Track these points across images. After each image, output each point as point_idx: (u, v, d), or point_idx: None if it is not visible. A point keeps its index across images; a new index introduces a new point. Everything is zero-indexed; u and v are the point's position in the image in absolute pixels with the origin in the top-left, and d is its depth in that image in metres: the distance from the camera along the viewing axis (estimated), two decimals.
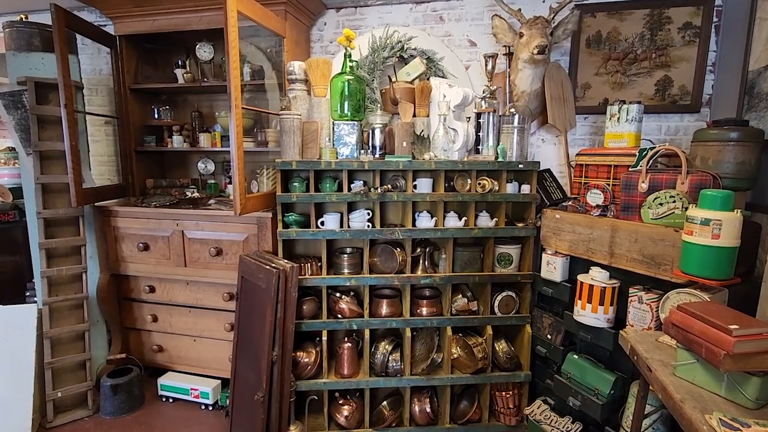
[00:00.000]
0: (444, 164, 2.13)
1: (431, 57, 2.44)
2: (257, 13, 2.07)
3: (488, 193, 2.17)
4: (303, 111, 2.19)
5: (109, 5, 2.54)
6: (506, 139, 2.22)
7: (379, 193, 2.11)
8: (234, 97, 1.87)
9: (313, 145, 2.12)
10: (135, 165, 2.76)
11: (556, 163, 2.57)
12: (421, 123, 2.22)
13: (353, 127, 2.14)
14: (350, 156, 2.17)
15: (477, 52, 2.58)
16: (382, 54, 2.40)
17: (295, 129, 2.08)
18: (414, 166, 2.13)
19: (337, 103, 2.14)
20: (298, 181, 2.16)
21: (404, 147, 2.16)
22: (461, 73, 2.54)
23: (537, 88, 2.29)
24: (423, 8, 2.61)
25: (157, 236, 2.48)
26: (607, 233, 1.91)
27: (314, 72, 2.16)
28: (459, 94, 2.19)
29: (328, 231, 2.17)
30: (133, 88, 2.73)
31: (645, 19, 2.32)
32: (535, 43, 2.04)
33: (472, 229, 2.20)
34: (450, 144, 2.19)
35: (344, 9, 2.71)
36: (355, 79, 2.14)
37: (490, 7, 2.52)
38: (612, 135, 2.09)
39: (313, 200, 2.13)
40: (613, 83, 2.40)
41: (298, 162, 2.08)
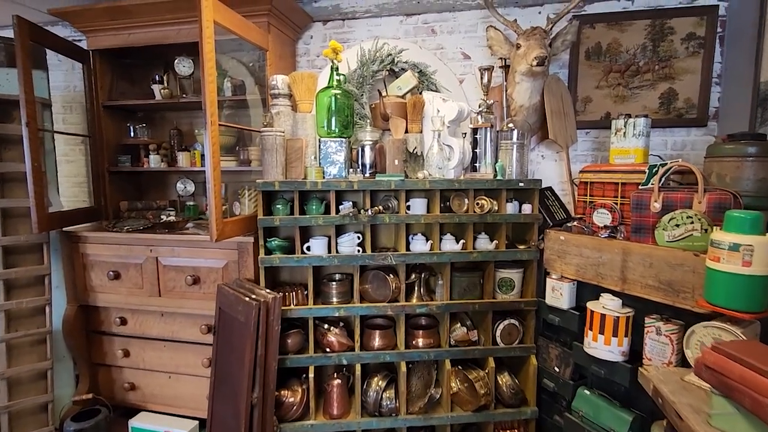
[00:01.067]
0: (439, 183, 1.97)
1: (423, 70, 2.31)
2: (237, 25, 1.93)
3: (487, 213, 2.01)
4: (287, 128, 2.04)
5: (82, 19, 2.39)
6: (505, 156, 2.08)
7: (369, 215, 1.95)
8: (209, 113, 1.71)
9: (297, 164, 1.96)
10: (108, 186, 2.58)
11: (558, 180, 2.43)
12: (413, 139, 2.08)
13: (341, 144, 1.99)
14: (338, 175, 2.01)
15: (471, 65, 2.46)
16: (372, 67, 2.27)
17: (277, 147, 1.92)
18: (407, 186, 1.97)
19: (323, 119, 1.99)
20: (281, 203, 1.99)
21: (396, 165, 2.01)
22: (455, 87, 2.42)
23: (536, 101, 2.16)
24: (414, 20, 2.50)
25: (130, 264, 2.28)
26: (617, 257, 1.76)
27: (299, 86, 2.01)
28: (454, 108, 2.05)
29: (314, 257, 1.99)
30: (108, 105, 2.56)
31: (646, 29, 2.22)
32: (534, 54, 1.92)
33: (471, 252, 2.04)
34: (445, 161, 2.04)
35: (331, 22, 2.59)
36: (342, 94, 1.99)
37: (484, 19, 2.41)
38: (618, 151, 1.96)
39: (297, 224, 1.96)
40: (615, 96, 2.29)
41: (281, 182, 1.91)
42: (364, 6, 2.50)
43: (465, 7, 2.41)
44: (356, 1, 2.51)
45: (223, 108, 2.47)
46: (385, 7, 2.48)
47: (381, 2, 2.48)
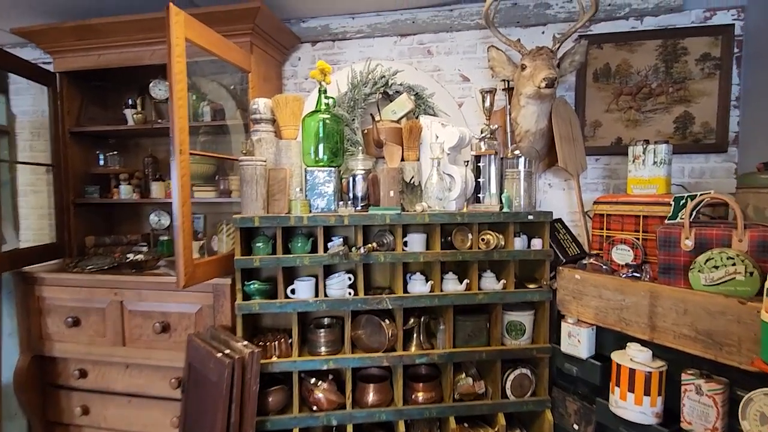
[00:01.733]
0: (439, 217, 1.76)
1: (420, 93, 2.13)
2: (214, 44, 1.74)
3: (493, 250, 1.80)
4: (269, 156, 1.83)
5: (47, 39, 2.20)
6: (511, 186, 1.89)
7: (362, 253, 1.73)
8: (178, 141, 1.50)
9: (280, 197, 1.75)
10: (73, 220, 2.33)
11: (567, 210, 2.23)
12: (410, 168, 1.88)
13: (330, 174, 1.78)
14: (326, 209, 1.79)
15: (471, 88, 2.29)
16: (364, 90, 2.09)
17: (258, 178, 1.71)
18: (404, 220, 1.76)
19: (310, 146, 1.79)
20: (262, 240, 1.77)
21: (391, 197, 1.80)
22: (454, 111, 2.24)
23: (543, 126, 1.98)
24: (409, 41, 2.34)
25: (91, 308, 2.02)
26: (644, 300, 1.54)
27: (282, 110, 1.81)
28: (454, 134, 1.86)
29: (299, 302, 1.75)
30: (75, 132, 2.35)
31: (658, 50, 2.07)
32: (542, 75, 1.75)
33: (476, 293, 1.82)
34: (446, 192, 1.84)
35: (321, 42, 2.43)
36: (331, 118, 1.80)
37: (483, 39, 2.26)
38: (637, 180, 1.77)
39: (280, 264, 1.73)
40: (626, 120, 2.12)
41: (261, 218, 1.69)
42: (355, 26, 2.35)
43: (463, 26, 2.26)
44: (347, 21, 2.35)
45: (198, 134, 2.27)
46: (378, 27, 2.32)
47: (373, 22, 2.32)
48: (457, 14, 2.25)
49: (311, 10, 2.30)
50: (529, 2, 2.18)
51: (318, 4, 2.22)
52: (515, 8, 2.19)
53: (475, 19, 2.23)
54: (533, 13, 2.18)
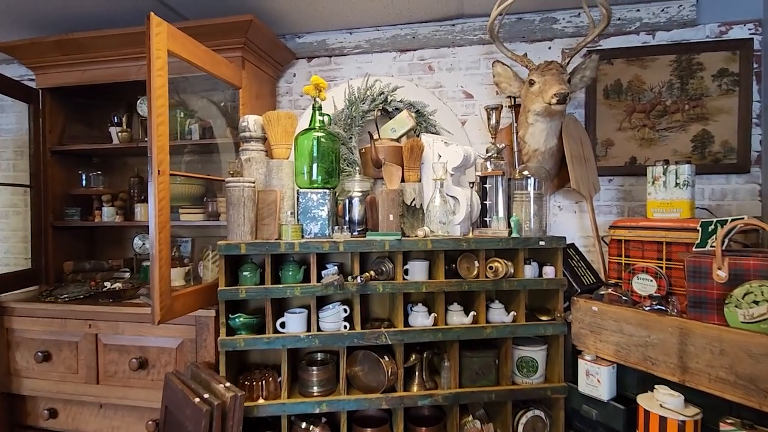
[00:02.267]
0: (443, 243, 1.62)
1: (421, 110, 2.02)
2: (200, 57, 1.63)
3: (502, 279, 1.65)
4: (259, 176, 1.70)
5: (29, 53, 2.09)
6: (520, 209, 1.75)
7: (358, 283, 1.57)
8: (157, 161, 1.37)
9: (270, 221, 1.60)
10: (51, 244, 2.18)
11: (579, 234, 2.09)
12: (411, 190, 1.75)
13: (324, 196, 1.64)
14: (320, 234, 1.65)
15: (474, 105, 2.18)
16: (362, 107, 1.97)
17: (245, 200, 1.57)
18: (404, 246, 1.61)
19: (303, 166, 1.66)
20: (249, 269, 1.61)
21: (391, 221, 1.66)
22: (457, 129, 2.12)
23: (552, 145, 1.85)
24: (409, 57, 2.24)
25: (63, 342, 1.85)
26: (672, 338, 1.39)
27: (274, 128, 1.69)
28: (458, 153, 1.73)
29: (289, 337, 1.59)
30: (57, 150, 2.22)
31: (671, 65, 1.97)
32: (553, 90, 1.63)
33: (484, 327, 1.66)
34: (449, 216, 1.70)
35: (317, 59, 2.32)
36: (326, 136, 1.67)
37: (487, 55, 2.16)
38: (658, 203, 1.63)
39: (268, 295, 1.57)
40: (640, 139, 2.00)
41: (248, 244, 1.54)
42: (353, 41, 2.25)
43: (465, 41, 2.16)
44: (344, 37, 2.25)
45: (183, 153, 2.14)
46: (377, 42, 2.23)
47: (372, 37, 2.23)
48: (459, 29, 2.15)
49: (308, 26, 2.21)
50: (535, 17, 2.08)
51: (315, 19, 2.13)
52: (520, 23, 2.09)
53: (478, 34, 2.13)
54: (539, 27, 2.08)
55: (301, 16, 2.09)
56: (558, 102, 1.64)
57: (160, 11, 2.01)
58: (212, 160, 2.21)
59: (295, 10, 2.02)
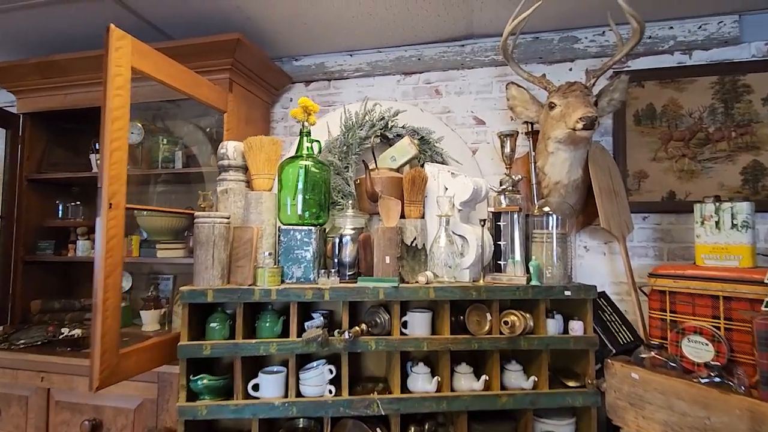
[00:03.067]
0: (449, 291, 1.36)
1: (426, 137, 1.80)
2: (175, 77, 1.46)
3: (520, 335, 1.37)
4: (237, 211, 1.48)
5: (10, 77, 1.97)
6: (540, 251, 1.48)
7: (346, 339, 1.32)
8: (108, 193, 1.17)
9: (245, 263, 1.37)
10: (21, 280, 1.99)
11: (609, 280, 1.80)
12: (412, 227, 1.50)
13: (309, 234, 1.41)
14: (304, 279, 1.41)
15: (486, 132, 1.95)
16: (359, 133, 1.77)
17: (216, 238, 1.34)
18: (402, 295, 1.36)
19: (287, 198, 1.44)
20: (218, 319, 1.37)
21: (387, 264, 1.41)
22: (467, 159, 1.89)
23: (577, 177, 1.61)
24: (414, 80, 2.05)
25: (13, 396, 1.62)
26: (741, 423, 1.08)
27: (256, 155, 1.48)
28: (467, 186, 1.49)
29: (262, 404, 1.32)
30: (34, 179, 2.07)
31: (713, 88, 1.72)
32: (579, 113, 1.40)
33: (498, 394, 1.37)
34: (456, 259, 1.45)
35: (315, 82, 2.15)
36: (316, 165, 1.46)
37: (500, 78, 1.95)
38: (710, 248, 1.35)
39: (238, 353, 1.32)
40: (679, 171, 1.73)
41: (217, 291, 1.31)
42: (353, 64, 2.07)
43: (476, 63, 1.96)
44: (344, 59, 2.09)
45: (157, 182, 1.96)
46: (379, 65, 2.05)
47: (374, 59, 2.05)
48: (469, 50, 1.96)
49: (305, 48, 2.05)
50: (554, 35, 1.88)
51: (312, 41, 1.97)
52: (537, 42, 1.89)
53: (489, 55, 1.94)
54: (558, 47, 1.88)
55: (297, 36, 1.93)
56: (584, 127, 1.40)
57: (145, 31, 1.87)
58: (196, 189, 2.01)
59: (289, 29, 1.87)
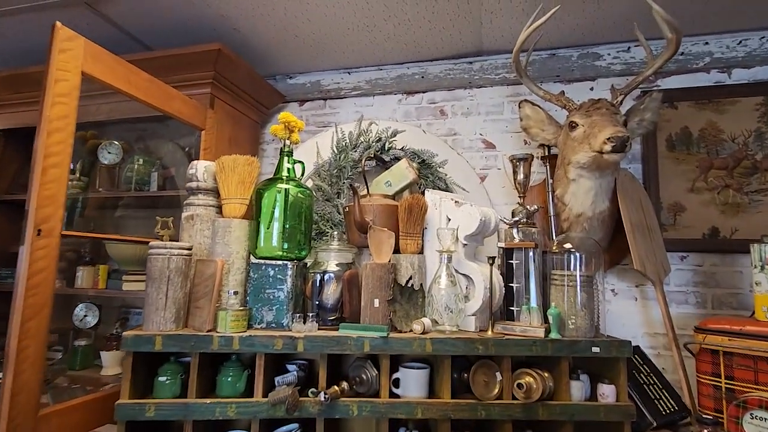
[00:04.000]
0: (450, 344, 1.11)
1: (427, 161, 1.59)
2: (140, 87, 1.29)
3: (537, 402, 1.11)
4: (203, 241, 1.27)
5: None
6: (561, 296, 1.23)
7: (322, 401, 1.07)
8: (35, 217, 0.97)
9: (205, 304, 1.15)
10: None
11: (643, 331, 1.53)
12: (408, 264, 1.27)
13: (284, 270, 1.19)
14: (275, 324, 1.18)
15: (497, 156, 1.74)
16: (352, 155, 1.57)
17: (172, 274, 1.13)
18: (392, 347, 1.12)
19: (261, 227, 1.23)
20: (169, 372, 1.14)
21: (376, 308, 1.18)
22: (475, 186, 1.68)
23: (603, 209, 1.37)
24: (416, 99, 1.86)
25: None
26: None
27: (228, 177, 1.29)
28: (474, 216, 1.27)
29: None
30: (4, 200, 1.90)
31: (759, 109, 1.50)
32: (607, 133, 1.18)
33: None
34: (460, 303, 1.21)
35: (310, 102, 1.99)
36: (297, 189, 1.26)
37: (512, 98, 1.76)
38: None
39: (188, 416, 1.08)
40: (722, 204, 1.49)
41: (168, 337, 1.09)
42: (351, 82, 1.91)
43: (485, 82, 1.77)
44: (342, 77, 1.92)
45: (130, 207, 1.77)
46: (379, 83, 1.87)
47: (373, 77, 1.88)
48: (477, 67, 1.78)
49: (300, 65, 1.89)
50: (572, 52, 1.69)
51: (306, 56, 1.81)
52: (554, 59, 1.70)
53: (500, 73, 1.75)
54: (578, 64, 1.68)
55: (290, 51, 1.77)
56: (614, 149, 1.17)
57: (123, 42, 1.73)
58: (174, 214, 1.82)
59: (280, 43, 1.71)
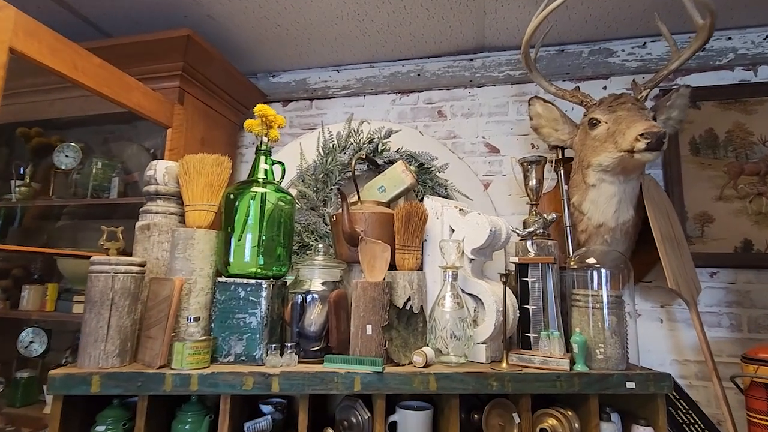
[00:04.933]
0: (458, 381, 0.91)
1: (426, 164, 1.41)
2: (90, 72, 1.09)
3: None
4: (161, 255, 1.06)
5: None
6: (585, 320, 1.05)
7: None
8: None
9: (158, 333, 0.93)
10: None
11: (670, 358, 1.35)
12: (405, 283, 1.08)
13: (258, 291, 0.99)
14: (247, 356, 0.97)
15: (501, 162, 1.57)
16: (341, 158, 1.38)
17: (116, 296, 0.91)
18: (389, 385, 0.91)
19: (231, 239, 1.02)
20: (110, 419, 0.91)
21: (369, 336, 0.97)
22: (478, 194, 1.50)
23: (627, 219, 1.20)
24: (412, 99, 1.69)
25: None
26: None
27: (193, 180, 1.08)
28: (483, 226, 1.09)
29: None
30: None
31: None
32: (640, 128, 1.01)
33: None
34: (468, 329, 1.01)
35: (295, 102, 1.80)
36: (277, 194, 1.06)
37: (518, 97, 1.60)
38: None
39: None
40: (756, 214, 1.33)
41: (107, 377, 0.86)
42: (340, 80, 1.73)
43: (488, 80, 1.61)
44: (329, 75, 1.75)
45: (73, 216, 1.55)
46: (371, 81, 1.70)
47: (364, 75, 1.71)
48: (479, 64, 1.62)
49: (284, 61, 1.71)
50: (583, 48, 1.54)
51: (292, 52, 1.63)
52: (563, 56, 1.55)
53: (504, 71, 1.59)
54: (589, 61, 1.54)
55: (271, 45, 1.59)
56: (649, 147, 1.00)
57: (80, 29, 1.54)
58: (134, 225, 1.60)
59: (260, 33, 1.53)
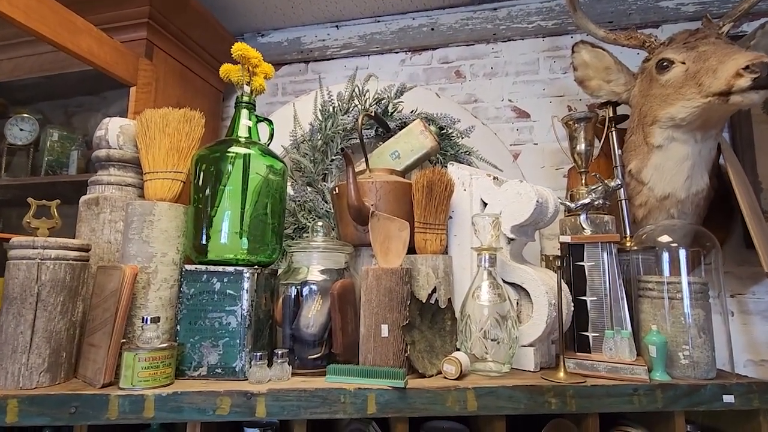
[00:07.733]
0: (506, 397, 0.68)
1: (446, 128, 1.17)
2: (15, 3, 0.84)
3: None
4: (112, 238, 0.82)
5: None
6: (660, 315, 0.81)
7: None
8: None
9: (102, 340, 0.69)
10: None
11: (744, 358, 1.11)
12: (429, 270, 0.84)
13: (240, 281, 0.75)
14: (224, 368, 0.73)
15: (532, 128, 1.33)
16: (344, 121, 1.14)
17: (43, 292, 0.67)
18: (415, 404, 0.68)
19: (203, 217, 0.79)
20: None
21: (385, 339, 0.74)
22: (506, 165, 1.26)
23: (701, 188, 0.96)
24: (425, 58, 1.45)
25: None
26: None
27: (153, 140, 0.84)
28: (527, 197, 0.85)
29: None
30: None
31: None
32: (742, 60, 0.77)
33: None
34: (512, 329, 0.77)
35: (287, 65, 1.55)
36: (264, 158, 0.82)
37: (551, 52, 1.35)
38: None
39: None
40: None
41: (30, 400, 0.63)
42: (340, 38, 1.49)
43: (515, 33, 1.37)
44: (328, 33, 1.50)
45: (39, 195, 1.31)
46: (376, 38, 1.46)
47: (369, 32, 1.47)
48: (504, 14, 1.37)
49: (275, 19, 1.47)
50: None
51: (284, 7, 1.38)
52: (603, 2, 1.31)
53: (534, 21, 1.35)
54: (636, 7, 1.29)
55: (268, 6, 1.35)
56: (757, 84, 0.76)
57: None
58: None
59: None
